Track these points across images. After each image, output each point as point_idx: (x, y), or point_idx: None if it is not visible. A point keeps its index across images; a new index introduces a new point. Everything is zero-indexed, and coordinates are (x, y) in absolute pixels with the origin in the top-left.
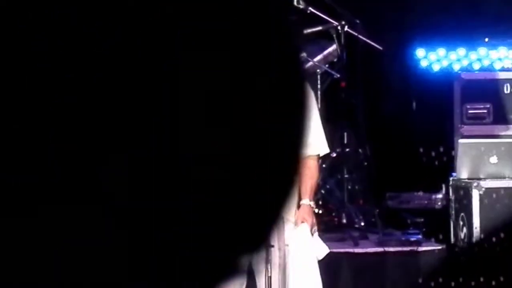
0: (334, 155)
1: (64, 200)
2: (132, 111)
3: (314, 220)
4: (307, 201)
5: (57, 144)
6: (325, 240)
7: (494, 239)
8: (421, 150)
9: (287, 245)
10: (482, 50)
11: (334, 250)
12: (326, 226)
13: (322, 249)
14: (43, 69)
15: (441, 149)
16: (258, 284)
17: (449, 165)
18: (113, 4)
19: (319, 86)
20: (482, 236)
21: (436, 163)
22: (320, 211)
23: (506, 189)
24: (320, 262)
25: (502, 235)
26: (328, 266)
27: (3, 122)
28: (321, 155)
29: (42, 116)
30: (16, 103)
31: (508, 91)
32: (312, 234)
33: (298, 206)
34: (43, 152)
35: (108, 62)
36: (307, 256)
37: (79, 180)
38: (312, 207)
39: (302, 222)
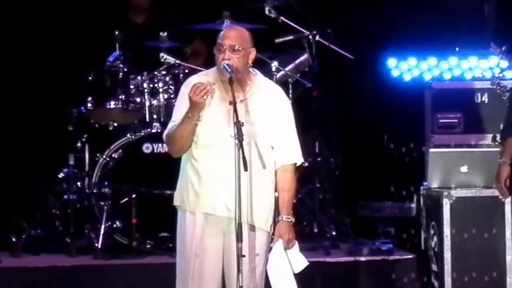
0: (306, 164)
1: None
2: None
3: (292, 235)
4: (283, 217)
5: None
6: None
7: (464, 248)
8: (392, 159)
9: (257, 254)
10: (453, 60)
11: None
12: (298, 235)
13: (300, 262)
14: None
15: (412, 158)
16: None
17: (420, 174)
18: None
19: (290, 95)
20: (452, 244)
21: (407, 172)
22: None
23: (476, 198)
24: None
25: (472, 243)
26: (299, 275)
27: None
28: (297, 164)
29: None
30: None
31: (479, 101)
32: (290, 248)
33: (276, 220)
34: None
35: None
36: (281, 273)
37: None
38: (290, 222)
39: (279, 238)
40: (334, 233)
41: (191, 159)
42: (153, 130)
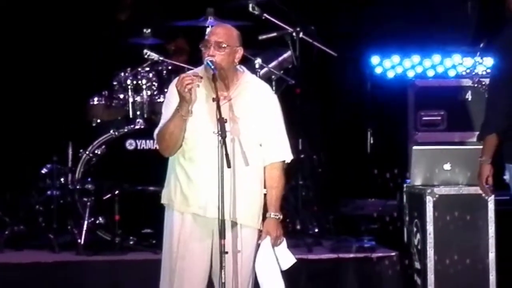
0: (288, 161)
1: None
2: None
3: (280, 232)
4: (271, 214)
5: None
6: None
7: (447, 246)
8: (376, 156)
9: (239, 251)
10: (436, 57)
11: None
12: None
13: (288, 259)
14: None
15: (395, 156)
16: None
17: (403, 172)
18: None
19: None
20: (435, 242)
21: (390, 169)
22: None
23: (459, 196)
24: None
25: (455, 241)
26: (282, 272)
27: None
28: (286, 161)
29: None
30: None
31: (462, 98)
32: (278, 245)
33: (265, 217)
34: None
35: None
36: (268, 270)
37: None
38: (278, 219)
39: (267, 235)
40: (316, 230)
41: (178, 157)
42: (137, 127)
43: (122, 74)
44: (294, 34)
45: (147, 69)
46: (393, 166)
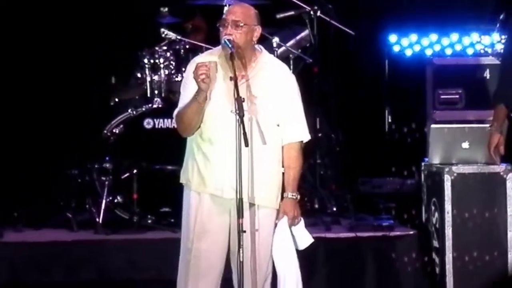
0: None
1: None
2: None
3: (297, 212)
4: (289, 194)
5: None
6: None
7: (466, 224)
8: (393, 135)
9: (257, 230)
10: (454, 36)
11: None
12: None
13: (305, 239)
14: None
15: (413, 134)
16: (232, 270)
17: (421, 150)
18: None
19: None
20: (453, 221)
21: (408, 148)
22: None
23: (477, 174)
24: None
25: (473, 220)
26: (300, 251)
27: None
28: (304, 142)
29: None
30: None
31: (480, 76)
32: (296, 225)
33: (282, 197)
34: None
35: None
36: (284, 249)
37: None
38: (296, 199)
39: (284, 215)
40: (334, 208)
41: (196, 137)
42: (154, 106)
43: (140, 53)
44: (311, 12)
45: (165, 48)
46: (411, 144)
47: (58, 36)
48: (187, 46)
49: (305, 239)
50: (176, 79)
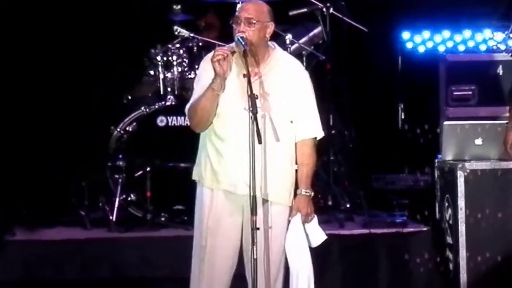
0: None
1: None
2: None
3: (311, 209)
4: (302, 191)
5: None
6: None
7: (479, 221)
8: (407, 132)
9: (270, 227)
10: (467, 32)
11: None
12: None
13: (319, 236)
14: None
15: (426, 131)
16: (245, 265)
17: (434, 147)
18: None
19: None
20: (467, 217)
21: (421, 145)
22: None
23: (490, 170)
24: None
25: (487, 217)
26: (314, 247)
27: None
28: (317, 138)
29: None
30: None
31: (493, 73)
32: (309, 222)
33: (295, 194)
34: None
35: None
36: (297, 246)
37: None
38: (309, 196)
39: (297, 212)
40: (348, 205)
41: (209, 133)
42: (167, 103)
43: (153, 50)
44: (324, 9)
45: (178, 45)
46: (424, 141)
47: (69, 34)
48: (200, 44)
49: (318, 236)
50: (189, 76)
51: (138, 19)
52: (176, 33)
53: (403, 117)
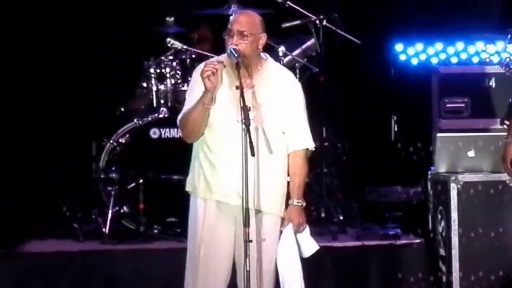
0: (313, 149)
1: None
2: None
3: (303, 220)
4: (294, 201)
5: None
6: None
7: (472, 232)
8: (400, 144)
9: (264, 239)
10: (459, 45)
11: None
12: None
13: (311, 247)
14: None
15: (419, 143)
16: (237, 277)
17: (427, 159)
18: None
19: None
20: (460, 229)
21: (414, 157)
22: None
23: (483, 182)
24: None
25: (480, 228)
26: (306, 259)
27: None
28: (310, 149)
29: None
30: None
31: (486, 85)
32: (301, 232)
33: (287, 204)
34: None
35: None
36: (288, 257)
37: None
38: (301, 206)
39: (289, 222)
40: (341, 217)
41: (202, 144)
42: (160, 115)
43: (146, 62)
44: (317, 21)
45: (171, 57)
46: (417, 153)
47: (63, 42)
48: (193, 56)
49: (311, 246)
50: (182, 88)
51: (131, 31)
52: (169, 45)
53: (396, 129)
